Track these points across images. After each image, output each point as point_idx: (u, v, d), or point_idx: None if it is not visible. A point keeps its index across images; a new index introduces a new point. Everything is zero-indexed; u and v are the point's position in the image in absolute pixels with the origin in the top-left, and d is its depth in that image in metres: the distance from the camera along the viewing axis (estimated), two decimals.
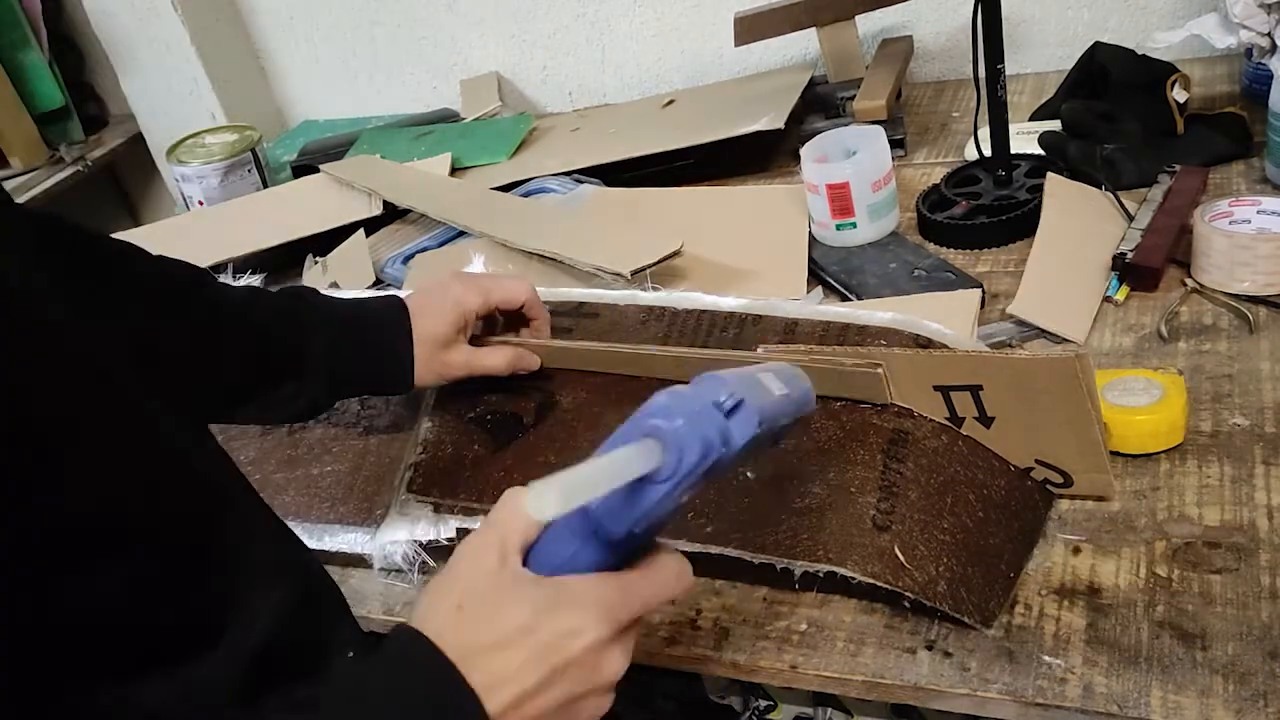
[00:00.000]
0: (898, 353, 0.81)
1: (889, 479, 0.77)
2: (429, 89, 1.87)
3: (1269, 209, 0.98)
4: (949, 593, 0.72)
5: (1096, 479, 0.78)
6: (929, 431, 0.80)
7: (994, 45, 1.07)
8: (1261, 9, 1.13)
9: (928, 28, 1.54)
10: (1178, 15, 1.37)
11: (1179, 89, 1.18)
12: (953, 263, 1.09)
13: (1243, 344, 0.91)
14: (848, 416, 0.82)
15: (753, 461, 0.81)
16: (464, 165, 1.53)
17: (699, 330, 0.93)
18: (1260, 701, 0.64)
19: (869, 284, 1.07)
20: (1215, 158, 1.15)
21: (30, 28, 1.87)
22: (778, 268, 1.13)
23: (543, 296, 1.01)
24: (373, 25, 1.83)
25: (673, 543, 0.79)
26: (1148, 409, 0.81)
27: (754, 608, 0.79)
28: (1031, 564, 0.76)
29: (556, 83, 1.79)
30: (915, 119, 1.44)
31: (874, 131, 1.16)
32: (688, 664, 0.78)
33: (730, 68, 1.66)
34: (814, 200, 1.15)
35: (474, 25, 1.77)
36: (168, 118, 1.92)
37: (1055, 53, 1.47)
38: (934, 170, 1.29)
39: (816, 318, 0.89)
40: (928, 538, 0.74)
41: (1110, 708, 0.65)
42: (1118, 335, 0.95)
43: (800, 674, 0.74)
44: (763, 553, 0.76)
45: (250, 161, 1.62)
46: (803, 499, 0.78)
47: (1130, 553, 0.75)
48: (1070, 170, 1.15)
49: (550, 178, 1.41)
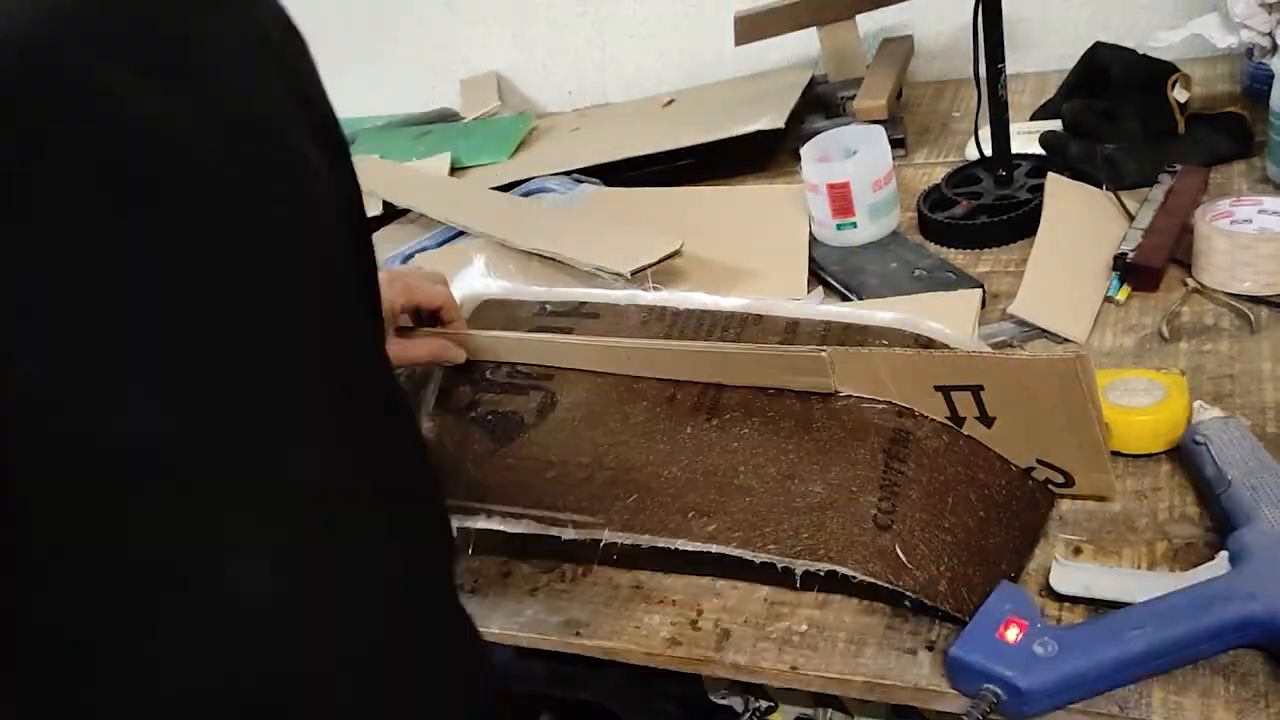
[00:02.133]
0: (899, 352, 0.81)
1: (890, 478, 0.77)
2: (428, 88, 1.87)
3: (1270, 209, 0.98)
4: (950, 592, 0.72)
5: (1097, 479, 0.78)
6: (930, 431, 0.80)
7: (994, 45, 1.07)
8: (1262, 8, 1.13)
9: (928, 27, 1.54)
10: (1178, 15, 1.37)
11: (1180, 88, 1.18)
12: (953, 262, 1.09)
13: (1244, 344, 0.90)
14: (849, 416, 0.82)
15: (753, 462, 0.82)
16: (464, 165, 1.53)
17: (700, 330, 0.92)
18: (1261, 702, 0.63)
19: (869, 284, 1.07)
20: (1216, 157, 1.15)
21: None
22: (778, 268, 1.13)
23: (542, 296, 1.01)
24: (373, 25, 1.83)
25: (673, 541, 0.79)
26: (1149, 409, 0.81)
27: (754, 608, 0.79)
28: (1032, 564, 0.76)
29: (556, 82, 1.78)
30: (916, 119, 1.44)
31: (875, 131, 1.16)
32: (688, 665, 0.78)
33: (730, 67, 1.66)
34: (814, 200, 1.15)
35: (474, 25, 1.77)
36: None
37: (1056, 52, 1.47)
38: (934, 170, 1.29)
39: (817, 317, 0.89)
40: (929, 537, 0.74)
41: (1111, 708, 0.65)
42: (1119, 335, 0.95)
43: (801, 675, 0.74)
44: (764, 552, 0.76)
45: None
46: (804, 498, 0.78)
47: (1131, 553, 0.75)
48: (1071, 170, 1.15)
49: (550, 178, 1.41)
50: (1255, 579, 0.66)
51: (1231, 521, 0.71)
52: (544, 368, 0.94)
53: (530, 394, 0.93)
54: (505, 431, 0.91)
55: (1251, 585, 0.65)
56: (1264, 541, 0.68)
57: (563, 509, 0.84)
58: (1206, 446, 0.76)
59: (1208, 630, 0.65)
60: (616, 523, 0.82)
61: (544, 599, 0.85)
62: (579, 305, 0.99)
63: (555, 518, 0.84)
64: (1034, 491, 0.79)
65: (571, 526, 0.83)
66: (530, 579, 0.87)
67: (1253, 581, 0.66)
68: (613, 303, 0.98)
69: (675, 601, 0.81)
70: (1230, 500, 0.72)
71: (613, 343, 0.91)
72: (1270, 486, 0.71)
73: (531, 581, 0.87)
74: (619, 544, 0.81)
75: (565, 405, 0.91)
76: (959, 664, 0.68)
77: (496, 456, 0.89)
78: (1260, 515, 0.69)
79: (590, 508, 0.83)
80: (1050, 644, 0.66)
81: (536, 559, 0.88)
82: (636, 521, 0.81)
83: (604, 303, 0.98)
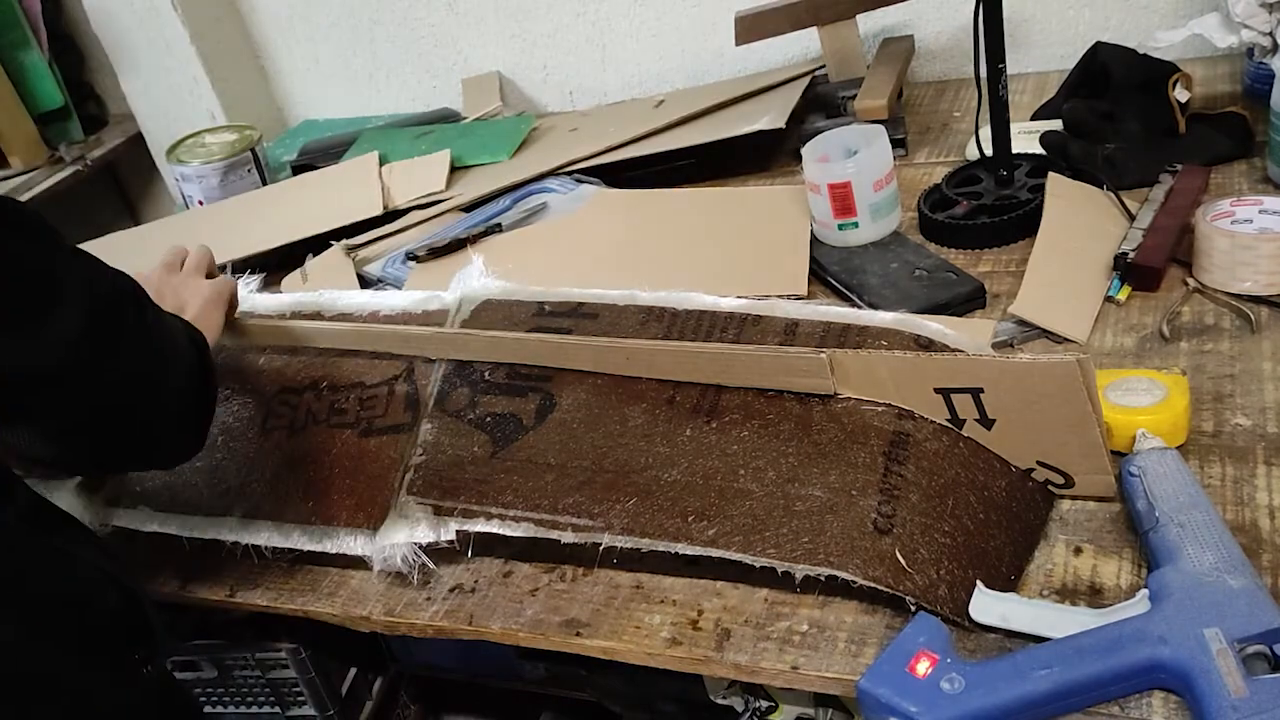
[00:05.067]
0: (898, 354, 0.81)
1: (890, 482, 0.77)
2: (429, 88, 1.87)
3: (1271, 209, 0.98)
4: (950, 596, 0.72)
5: (1098, 480, 0.78)
6: (930, 434, 0.80)
7: (995, 45, 1.06)
8: (1263, 8, 1.13)
9: (929, 27, 1.53)
10: (1179, 14, 1.37)
11: (1180, 88, 1.18)
12: (954, 262, 1.09)
13: (1244, 344, 0.90)
14: (849, 418, 0.82)
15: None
16: (464, 164, 1.53)
17: (699, 331, 0.92)
18: None
19: (870, 284, 1.07)
20: (1217, 157, 1.15)
21: (30, 27, 1.87)
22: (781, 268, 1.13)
23: (542, 297, 1.01)
24: (373, 24, 1.83)
25: (673, 546, 0.79)
26: (1150, 409, 0.81)
27: (755, 609, 0.79)
28: (1033, 565, 0.76)
29: (557, 82, 1.78)
30: (916, 118, 1.43)
31: (876, 131, 1.15)
32: (689, 665, 0.78)
33: (730, 67, 1.65)
34: (815, 200, 1.14)
35: (474, 25, 1.77)
36: (167, 117, 1.91)
37: (1056, 52, 1.47)
38: (935, 170, 1.29)
39: (817, 318, 0.89)
40: (929, 540, 0.74)
41: (1112, 709, 0.65)
42: (1119, 335, 0.95)
43: (801, 675, 0.74)
44: (764, 556, 0.76)
45: (250, 161, 1.62)
46: (803, 502, 0.78)
47: (1132, 553, 0.75)
48: (1072, 170, 1.15)
49: (550, 178, 1.41)
50: (1169, 621, 0.65)
51: (1157, 558, 0.70)
52: (543, 369, 0.94)
53: (529, 396, 0.93)
54: (504, 433, 0.91)
55: (1164, 628, 0.65)
56: (1184, 582, 0.67)
57: (562, 512, 0.84)
58: (1141, 479, 0.75)
59: (1116, 672, 0.64)
60: (616, 526, 0.82)
61: (545, 599, 0.85)
62: (578, 306, 0.99)
63: (555, 521, 0.84)
64: (1034, 493, 0.79)
65: (571, 530, 0.83)
66: (531, 579, 0.87)
67: (1166, 624, 0.65)
68: (611, 303, 0.98)
69: (676, 602, 0.81)
70: (1158, 537, 0.71)
71: (612, 343, 0.91)
72: (1197, 524, 0.70)
73: (532, 581, 0.87)
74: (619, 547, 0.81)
75: (564, 407, 0.91)
76: (866, 696, 0.68)
77: (496, 459, 0.89)
78: (1184, 554, 0.68)
79: (590, 511, 0.83)
80: (958, 680, 0.65)
81: (537, 559, 0.88)
82: (636, 525, 0.81)
83: (602, 303, 0.98)
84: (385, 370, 1.00)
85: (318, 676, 1.16)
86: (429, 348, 0.99)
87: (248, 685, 1.18)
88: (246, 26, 1.92)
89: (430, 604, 0.88)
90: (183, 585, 0.98)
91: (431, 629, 0.86)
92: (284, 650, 1.13)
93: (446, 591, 0.88)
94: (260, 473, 0.98)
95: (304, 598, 0.93)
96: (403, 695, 1.36)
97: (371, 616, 0.89)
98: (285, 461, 0.98)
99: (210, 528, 0.97)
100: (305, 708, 1.19)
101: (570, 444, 0.88)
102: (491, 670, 1.27)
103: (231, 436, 1.02)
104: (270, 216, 1.50)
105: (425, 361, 0.99)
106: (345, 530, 0.91)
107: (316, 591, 0.93)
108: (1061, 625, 0.68)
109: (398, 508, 0.90)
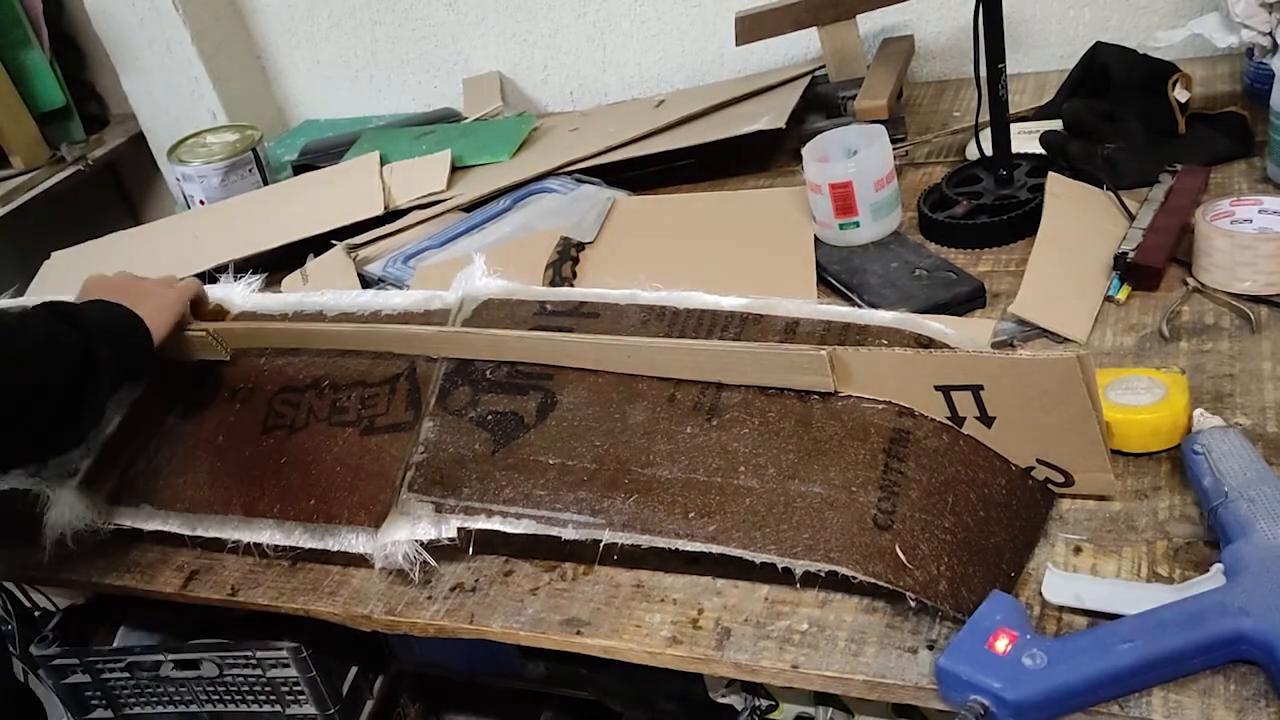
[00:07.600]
0: (899, 352, 0.81)
1: (890, 478, 0.77)
2: (430, 88, 1.87)
3: (1270, 208, 0.98)
4: (950, 592, 0.72)
5: (1098, 478, 0.78)
6: (930, 431, 0.80)
7: (995, 44, 1.07)
8: (1263, 8, 1.13)
9: (929, 27, 1.54)
10: (1179, 14, 1.37)
11: (1180, 88, 1.18)
12: (954, 262, 1.09)
13: (1244, 343, 0.90)
14: (849, 416, 0.82)
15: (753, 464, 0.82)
16: (465, 164, 1.53)
17: (700, 330, 0.93)
18: (1261, 701, 0.64)
19: (870, 283, 1.07)
20: (1217, 157, 1.15)
21: (31, 27, 1.87)
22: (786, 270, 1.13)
23: (543, 296, 1.01)
24: (373, 25, 1.83)
25: (674, 542, 0.79)
26: (1150, 408, 0.81)
27: (755, 607, 0.79)
28: (1033, 563, 0.76)
29: (557, 82, 1.79)
30: (916, 118, 1.44)
31: (876, 130, 1.16)
32: (689, 664, 0.78)
33: (731, 67, 1.66)
34: (816, 200, 1.15)
35: (475, 25, 1.77)
36: (169, 117, 1.92)
37: (1056, 52, 1.47)
38: (935, 170, 1.29)
39: (817, 317, 0.89)
40: (929, 537, 0.74)
41: (1112, 708, 0.65)
42: (1119, 334, 0.95)
43: (802, 673, 0.74)
44: (764, 552, 0.76)
45: (251, 161, 1.62)
46: (804, 498, 0.78)
47: (1131, 552, 0.75)
48: (1072, 170, 1.15)
49: (551, 178, 1.41)
50: (1249, 594, 0.65)
51: (1228, 534, 0.71)
52: (544, 367, 0.94)
53: (530, 394, 0.93)
54: (505, 431, 0.91)
55: (1244, 600, 0.65)
56: (1259, 555, 0.67)
57: (563, 509, 0.84)
58: (1205, 456, 0.76)
59: (1198, 645, 0.65)
60: (617, 523, 0.82)
61: (545, 598, 0.85)
62: (579, 305, 0.99)
63: (556, 518, 0.84)
64: (1034, 491, 0.80)
65: (572, 527, 0.83)
66: (531, 578, 0.87)
67: (1246, 596, 0.65)
68: (612, 302, 0.98)
69: (676, 600, 0.82)
70: (1227, 512, 0.72)
71: (613, 341, 0.91)
72: (1268, 499, 0.71)
73: (533, 580, 0.87)
74: (620, 544, 0.82)
75: (565, 405, 0.91)
76: (946, 674, 0.67)
77: (497, 456, 0.89)
78: (1257, 528, 0.69)
79: (591, 508, 0.83)
80: (1039, 656, 0.65)
81: (538, 557, 0.89)
82: (637, 522, 0.81)
83: (604, 302, 0.98)
84: (387, 369, 1.00)
85: (318, 675, 1.16)
86: (431, 347, 0.99)
87: (248, 684, 1.18)
88: (248, 26, 1.92)
89: (431, 603, 0.88)
90: (185, 585, 0.99)
91: (433, 628, 0.86)
92: (285, 649, 1.13)
93: (447, 590, 0.88)
94: (262, 471, 0.98)
95: (305, 597, 0.93)
96: (403, 694, 1.36)
97: (373, 616, 0.89)
98: (287, 459, 0.98)
99: (213, 526, 0.97)
100: (306, 706, 1.19)
101: (571, 442, 0.88)
102: (492, 669, 1.27)
103: (233, 435, 1.02)
104: (271, 216, 1.50)
105: (427, 360, 0.99)
106: (347, 527, 0.92)
107: (318, 591, 0.93)
108: (1138, 601, 0.68)
109: (399, 505, 0.90)
